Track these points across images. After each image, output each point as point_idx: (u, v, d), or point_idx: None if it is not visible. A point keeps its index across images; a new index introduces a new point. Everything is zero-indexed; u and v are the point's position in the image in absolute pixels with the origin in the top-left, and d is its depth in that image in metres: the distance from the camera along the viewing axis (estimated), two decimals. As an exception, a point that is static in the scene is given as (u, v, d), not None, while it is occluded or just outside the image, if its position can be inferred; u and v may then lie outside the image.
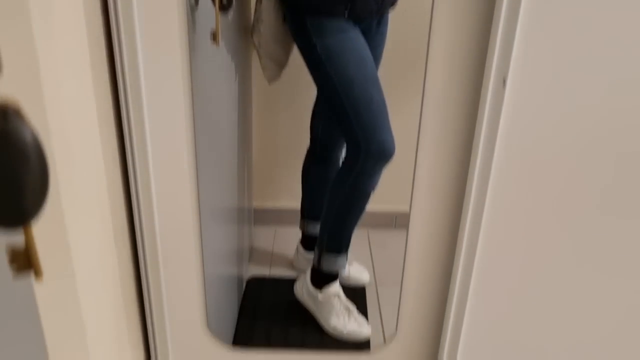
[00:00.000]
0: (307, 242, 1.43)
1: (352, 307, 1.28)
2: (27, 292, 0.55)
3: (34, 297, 0.56)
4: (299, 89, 1.30)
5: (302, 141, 1.36)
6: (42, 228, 0.49)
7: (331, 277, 1.29)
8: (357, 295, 1.33)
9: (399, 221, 1.49)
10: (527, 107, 0.81)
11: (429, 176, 0.91)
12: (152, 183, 0.86)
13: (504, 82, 0.78)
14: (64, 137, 0.63)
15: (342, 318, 1.26)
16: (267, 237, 1.57)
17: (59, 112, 0.60)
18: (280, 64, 1.19)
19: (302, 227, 1.44)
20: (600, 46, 0.77)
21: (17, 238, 0.46)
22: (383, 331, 1.25)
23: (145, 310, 0.95)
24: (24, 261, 0.47)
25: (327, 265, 1.28)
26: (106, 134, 0.79)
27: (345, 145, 1.18)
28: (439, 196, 0.92)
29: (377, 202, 1.23)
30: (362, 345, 1.22)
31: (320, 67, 1.08)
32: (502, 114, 0.80)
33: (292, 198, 1.44)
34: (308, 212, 1.43)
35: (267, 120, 1.43)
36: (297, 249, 1.47)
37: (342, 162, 1.22)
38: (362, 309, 1.29)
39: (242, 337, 1.19)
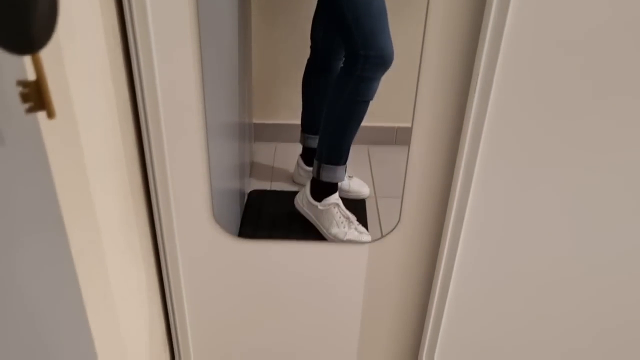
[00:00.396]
0: (307, 156, 1.43)
1: (352, 217, 1.29)
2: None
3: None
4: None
5: (303, 55, 1.35)
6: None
7: (330, 188, 1.30)
8: (357, 207, 1.35)
9: (399, 136, 1.49)
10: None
11: (431, 89, 0.91)
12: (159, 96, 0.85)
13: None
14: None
15: (342, 227, 1.28)
16: (267, 153, 1.57)
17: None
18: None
19: (302, 142, 1.44)
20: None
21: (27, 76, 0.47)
22: (382, 235, 1.26)
23: (152, 202, 0.96)
24: (37, 99, 0.47)
25: (326, 176, 1.29)
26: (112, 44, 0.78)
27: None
28: (440, 110, 0.92)
29: (378, 117, 1.23)
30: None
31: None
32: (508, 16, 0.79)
33: (292, 113, 1.44)
34: (308, 125, 1.43)
35: (267, 34, 1.42)
36: (297, 163, 1.48)
37: (340, 69, 1.21)
38: (363, 220, 1.31)
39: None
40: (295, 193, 1.36)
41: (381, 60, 1.11)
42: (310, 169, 1.36)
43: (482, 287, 1.09)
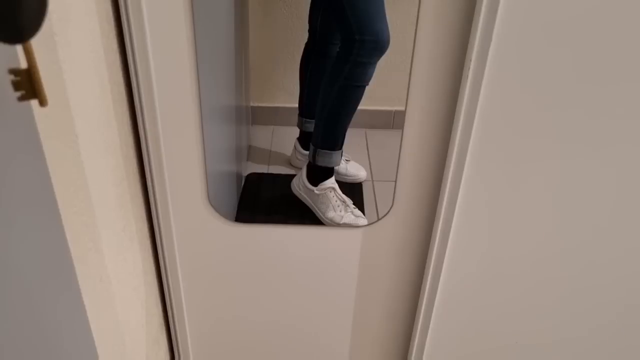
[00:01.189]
0: (305, 140, 1.43)
1: (349, 201, 1.30)
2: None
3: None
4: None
5: (300, 38, 1.34)
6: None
7: (326, 172, 1.31)
8: (354, 191, 1.36)
9: (396, 120, 1.49)
10: None
11: (425, 74, 0.91)
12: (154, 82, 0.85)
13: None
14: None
15: (339, 211, 1.28)
16: (265, 136, 1.57)
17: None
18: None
19: (300, 125, 1.45)
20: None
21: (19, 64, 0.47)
22: (379, 218, 1.27)
23: (147, 186, 0.97)
24: (29, 87, 0.48)
25: (322, 161, 1.30)
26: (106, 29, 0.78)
27: (343, 37, 1.16)
28: (434, 94, 0.92)
29: (375, 101, 1.24)
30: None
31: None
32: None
33: (289, 96, 1.44)
34: (306, 109, 1.43)
35: (264, 16, 1.41)
36: (294, 147, 1.48)
37: (336, 54, 1.21)
38: (359, 204, 1.31)
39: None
40: (292, 176, 1.37)
41: (377, 45, 1.11)
42: (307, 152, 1.37)
43: (474, 270, 1.10)
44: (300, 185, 1.33)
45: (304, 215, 1.29)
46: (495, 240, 1.05)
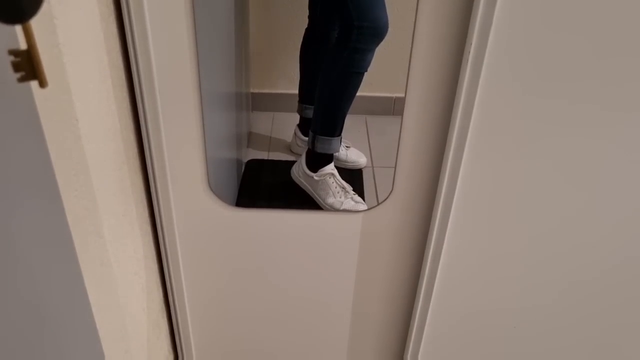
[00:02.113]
0: (305, 126, 1.44)
1: (348, 187, 1.30)
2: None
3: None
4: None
5: (301, 24, 1.34)
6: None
7: (326, 159, 1.31)
8: (354, 177, 1.36)
9: (396, 106, 1.49)
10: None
11: (424, 60, 0.91)
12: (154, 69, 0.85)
13: None
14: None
15: (339, 197, 1.29)
16: (265, 122, 1.57)
17: None
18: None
19: (300, 112, 1.45)
20: None
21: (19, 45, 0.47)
22: (378, 203, 1.27)
23: (148, 171, 0.97)
24: (29, 68, 0.48)
25: (321, 147, 1.30)
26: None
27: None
28: (434, 79, 0.92)
29: (375, 87, 1.24)
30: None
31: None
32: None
33: (289, 83, 1.44)
34: (306, 95, 1.43)
35: (264, 2, 1.41)
36: (294, 133, 1.48)
37: (335, 40, 1.21)
38: (359, 190, 1.32)
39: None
40: (292, 163, 1.37)
41: (375, 32, 1.11)
42: (307, 139, 1.37)
43: (474, 254, 1.11)
44: (300, 172, 1.34)
45: (304, 201, 1.29)
46: (495, 225, 1.05)
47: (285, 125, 1.51)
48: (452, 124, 0.93)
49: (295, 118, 1.44)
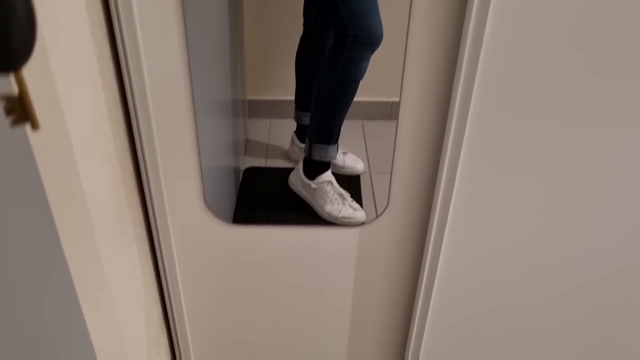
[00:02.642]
0: (302, 133, 1.44)
1: (346, 194, 1.31)
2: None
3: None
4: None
5: (296, 30, 1.34)
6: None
7: (323, 166, 1.31)
8: (351, 183, 1.36)
9: (393, 111, 1.49)
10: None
11: (418, 67, 0.90)
12: (146, 79, 0.85)
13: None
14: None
15: (337, 204, 1.29)
16: (262, 129, 1.57)
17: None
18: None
19: (297, 119, 1.44)
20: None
21: (10, 88, 0.47)
22: (377, 216, 1.27)
23: (144, 191, 0.97)
24: (21, 112, 0.48)
25: (318, 155, 1.30)
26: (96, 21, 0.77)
27: (338, 30, 1.16)
28: (429, 84, 0.92)
29: (371, 92, 1.23)
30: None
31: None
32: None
33: (286, 89, 1.43)
34: (302, 102, 1.42)
35: (259, 9, 1.40)
36: (291, 140, 1.48)
37: (330, 49, 1.21)
38: (357, 196, 1.32)
39: (240, 221, 1.23)
40: (290, 170, 1.37)
41: (369, 41, 1.10)
42: (304, 145, 1.37)
43: (471, 264, 1.11)
44: (298, 180, 1.34)
45: (302, 209, 1.30)
46: (492, 233, 1.05)
47: (282, 132, 1.51)
48: (448, 128, 0.92)
49: (292, 124, 1.44)
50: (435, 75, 0.91)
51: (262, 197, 1.36)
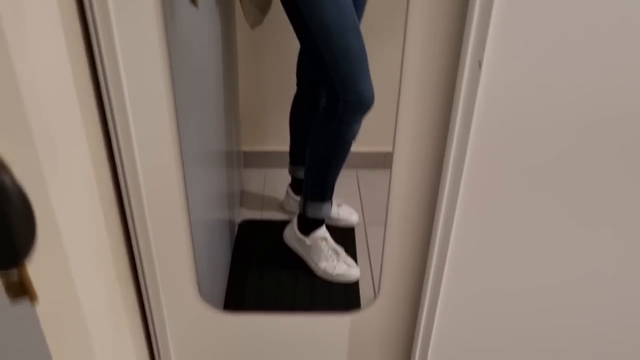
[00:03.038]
0: (297, 186, 1.45)
1: (340, 250, 1.31)
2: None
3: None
4: (286, 33, 1.28)
5: (290, 84, 1.34)
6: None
7: (317, 223, 1.32)
8: (346, 236, 1.37)
9: (387, 161, 1.50)
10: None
11: (411, 118, 0.88)
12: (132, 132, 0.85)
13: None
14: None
15: (331, 261, 1.30)
16: (257, 180, 1.58)
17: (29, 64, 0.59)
18: (263, 8, 1.15)
19: (291, 172, 1.45)
20: (578, 28, 0.76)
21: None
22: (371, 270, 1.28)
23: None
24: (19, 290, 0.49)
25: (312, 212, 1.31)
26: (81, 81, 0.77)
27: (333, 92, 1.16)
28: (422, 137, 0.90)
29: (365, 142, 1.24)
30: (352, 286, 1.27)
31: (297, 15, 1.06)
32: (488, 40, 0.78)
33: (281, 140, 1.44)
34: (296, 157, 1.43)
35: (254, 64, 1.41)
36: (287, 192, 1.49)
37: (322, 111, 1.21)
38: (352, 250, 1.33)
39: (236, 280, 1.25)
40: (285, 223, 1.37)
41: (361, 105, 1.11)
42: (300, 197, 1.38)
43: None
44: (292, 236, 1.35)
45: (298, 265, 1.31)
46: (490, 275, 1.02)
47: (277, 183, 1.52)
48: (442, 189, 0.90)
49: (287, 175, 1.44)
50: (429, 124, 0.88)
51: (257, 252, 1.37)
